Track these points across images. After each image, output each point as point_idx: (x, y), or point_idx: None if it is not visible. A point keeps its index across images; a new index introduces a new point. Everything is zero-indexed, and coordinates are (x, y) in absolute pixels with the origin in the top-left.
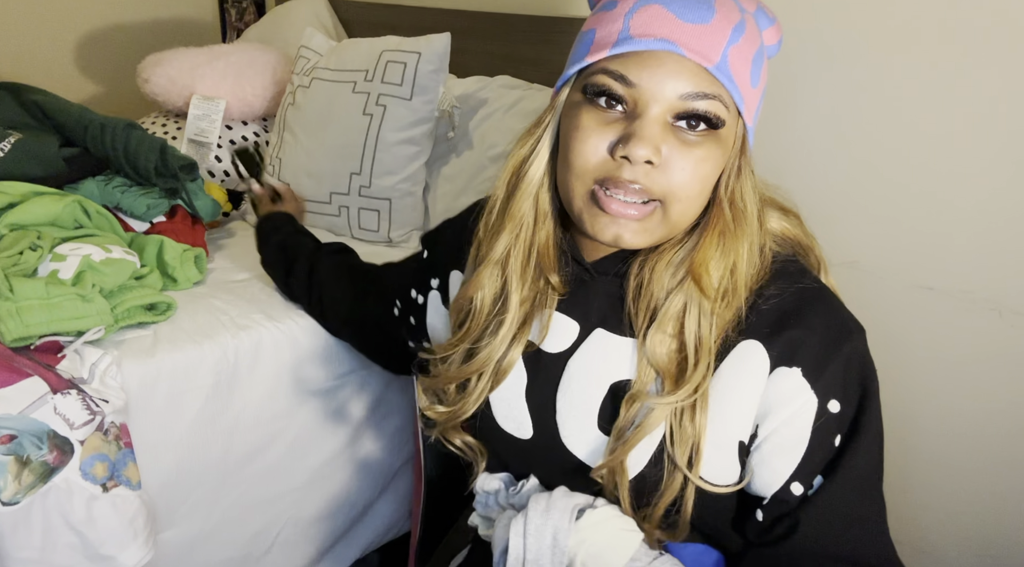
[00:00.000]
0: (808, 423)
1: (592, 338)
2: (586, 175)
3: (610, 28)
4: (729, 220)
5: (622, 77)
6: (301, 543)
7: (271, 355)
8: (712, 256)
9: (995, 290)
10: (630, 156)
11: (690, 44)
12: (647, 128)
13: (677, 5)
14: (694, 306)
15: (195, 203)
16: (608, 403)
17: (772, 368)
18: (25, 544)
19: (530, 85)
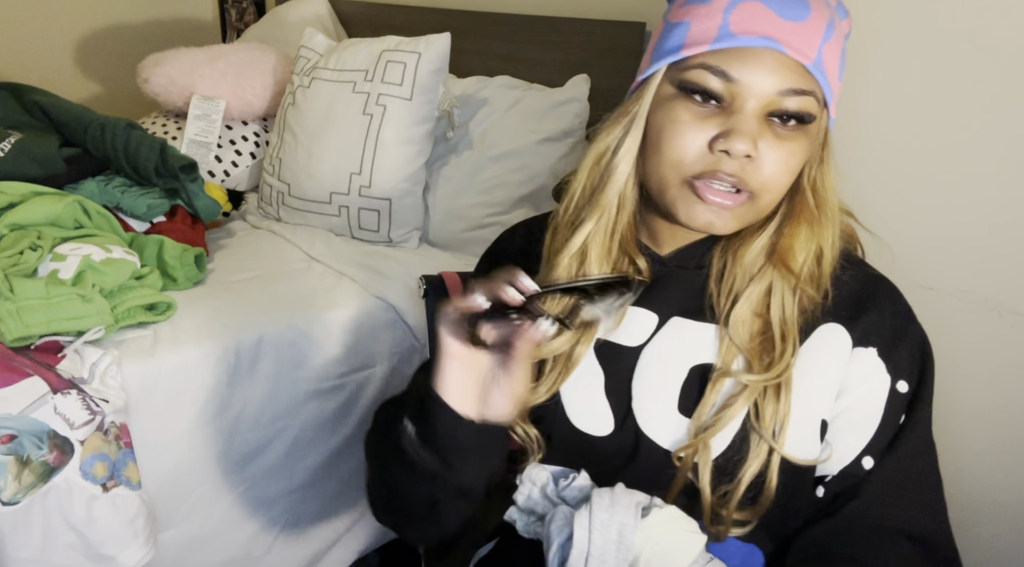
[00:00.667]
0: (881, 401)
1: (668, 326)
2: (683, 167)
3: (707, 23)
4: (813, 208)
5: (723, 73)
6: (301, 543)
7: (271, 355)
8: (799, 242)
9: (995, 290)
10: (731, 150)
11: (791, 42)
12: (746, 123)
13: (776, 2)
14: (779, 289)
15: (195, 203)
16: (689, 386)
17: (852, 348)
18: (25, 544)
19: (530, 85)
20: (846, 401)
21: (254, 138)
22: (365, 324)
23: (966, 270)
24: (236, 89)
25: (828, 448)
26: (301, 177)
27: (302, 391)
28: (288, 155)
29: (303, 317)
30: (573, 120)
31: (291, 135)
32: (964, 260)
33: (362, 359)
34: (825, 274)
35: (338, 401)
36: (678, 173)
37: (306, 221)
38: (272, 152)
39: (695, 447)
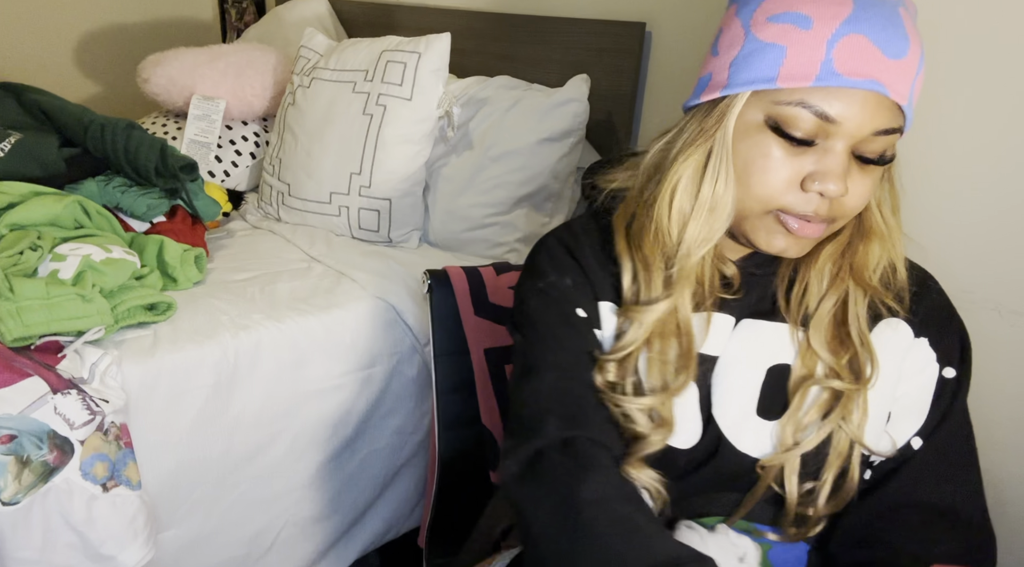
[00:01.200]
0: (931, 388)
1: (741, 328)
2: (771, 201)
3: (809, 55)
4: (882, 224)
5: (823, 114)
6: (301, 543)
7: (271, 355)
8: (872, 259)
9: (995, 290)
10: (826, 193)
11: (893, 83)
12: (840, 164)
13: (882, 36)
14: (854, 300)
15: (195, 203)
16: (768, 387)
17: (914, 338)
18: (25, 544)
19: (530, 85)
20: (903, 388)
21: (254, 138)
22: (365, 324)
23: (966, 270)
24: (236, 89)
25: (889, 440)
26: (301, 177)
27: (302, 391)
28: (288, 155)
29: (303, 317)
30: (573, 120)
31: (291, 135)
32: (964, 260)
33: (362, 359)
34: (904, 286)
35: (338, 401)
36: (765, 206)
37: (306, 221)
38: (272, 152)
39: (784, 459)
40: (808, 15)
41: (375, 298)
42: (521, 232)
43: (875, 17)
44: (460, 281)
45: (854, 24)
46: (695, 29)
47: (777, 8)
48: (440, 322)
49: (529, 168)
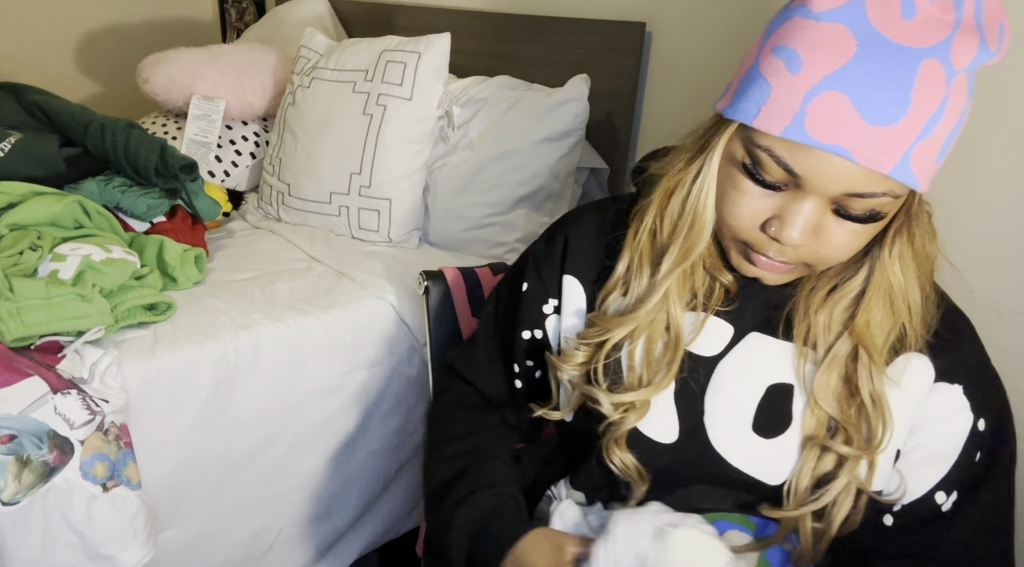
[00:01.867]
0: (962, 439)
1: (747, 340)
2: (737, 232)
3: (785, 102)
4: (892, 283)
5: (788, 168)
6: (301, 543)
7: (271, 355)
8: (876, 321)
9: (995, 290)
10: (782, 239)
11: (866, 154)
12: (803, 215)
13: (869, 97)
14: (864, 360)
15: (195, 203)
16: (765, 405)
17: (935, 381)
18: (25, 544)
19: (530, 85)
20: (926, 436)
21: (254, 138)
22: (365, 324)
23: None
24: (236, 89)
25: (899, 478)
26: (301, 177)
27: (302, 391)
28: (288, 155)
29: (303, 317)
30: (573, 120)
31: (291, 135)
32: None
33: (362, 359)
34: (931, 316)
35: (338, 401)
36: (732, 234)
37: (306, 221)
38: (272, 152)
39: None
40: (801, 57)
41: (375, 298)
42: (521, 232)
43: (872, 73)
44: (456, 281)
45: (840, 79)
46: (695, 29)
47: (781, 39)
48: (437, 323)
49: (529, 168)
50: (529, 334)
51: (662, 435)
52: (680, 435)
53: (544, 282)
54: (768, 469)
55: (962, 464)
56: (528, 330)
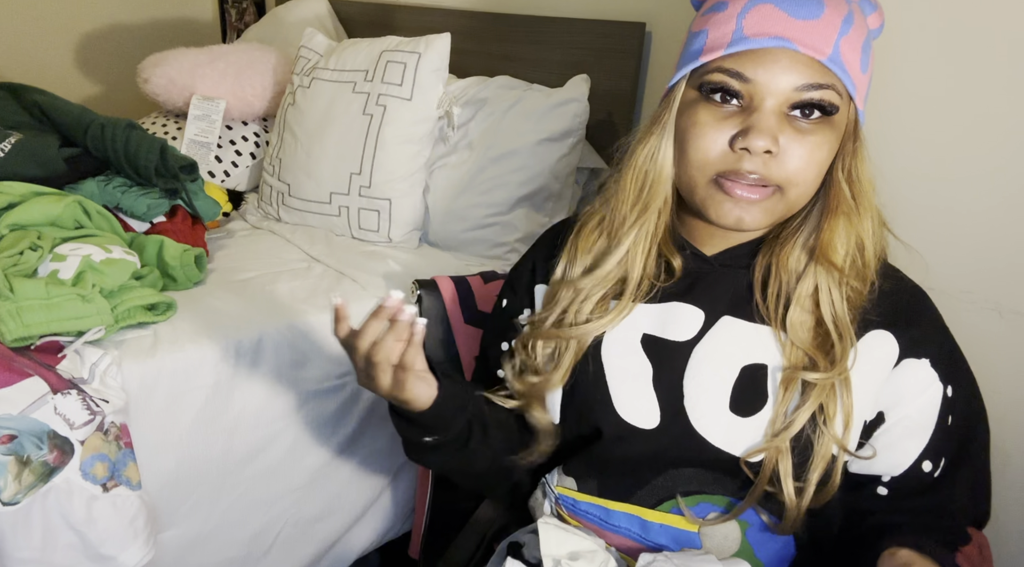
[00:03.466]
0: (936, 408)
1: (720, 325)
2: (707, 167)
3: (723, 29)
4: (849, 199)
5: (738, 74)
6: (301, 543)
7: (271, 355)
8: (838, 236)
9: (995, 290)
10: (750, 147)
11: (803, 39)
12: (764, 120)
13: (788, 3)
14: (825, 285)
15: (195, 203)
16: (741, 386)
17: (900, 358)
18: (25, 544)
19: (530, 85)
20: (903, 411)
21: (254, 138)
22: None
23: (966, 270)
24: (236, 89)
25: (870, 448)
26: (301, 177)
27: (302, 391)
28: (288, 155)
29: (303, 317)
30: (573, 120)
31: (291, 135)
32: (964, 260)
33: None
34: (869, 265)
35: (338, 401)
36: (704, 173)
37: (306, 221)
38: (272, 152)
39: (771, 451)
40: (724, 1)
41: (375, 298)
42: (521, 232)
43: None
44: (449, 290)
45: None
46: None
47: (707, 6)
48: (430, 331)
49: (529, 168)
50: (507, 345)
51: (644, 421)
52: (661, 420)
53: (518, 295)
54: (746, 446)
55: (939, 430)
56: (507, 342)
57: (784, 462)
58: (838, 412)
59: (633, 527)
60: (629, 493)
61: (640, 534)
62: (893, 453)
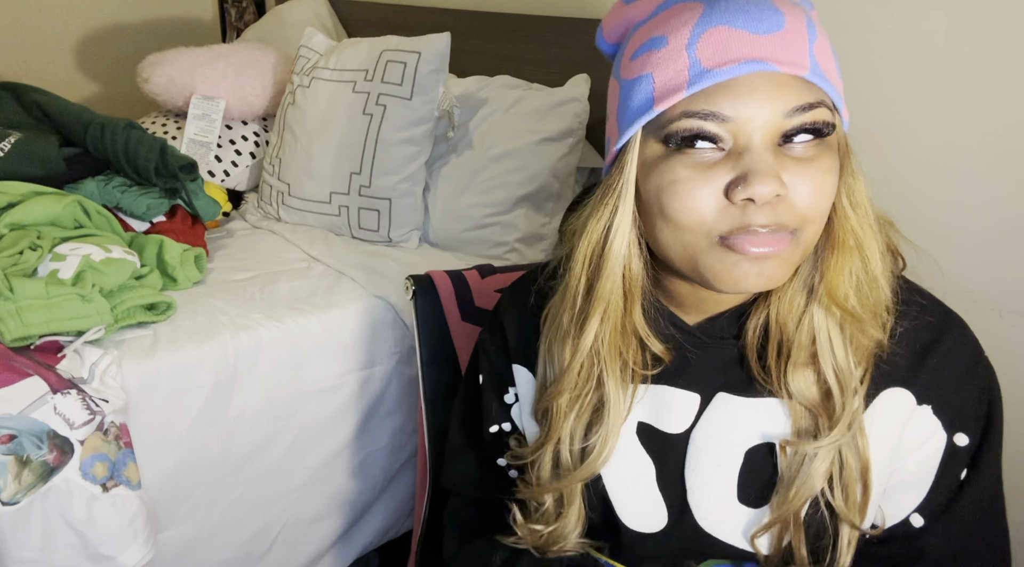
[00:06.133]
0: (937, 460)
1: (715, 405)
2: (703, 228)
3: (673, 67)
4: (856, 228)
5: (712, 114)
6: (301, 543)
7: (271, 355)
8: (846, 274)
9: (995, 290)
10: (755, 197)
11: (777, 56)
12: (761, 160)
13: (744, 19)
14: (824, 330)
15: (195, 203)
16: (747, 472)
17: (916, 405)
18: (25, 544)
19: (530, 85)
20: (901, 462)
21: (254, 138)
22: (365, 324)
23: (966, 270)
24: (236, 89)
25: (879, 512)
26: (301, 177)
27: (302, 391)
28: (288, 155)
29: (303, 317)
30: (573, 120)
31: (291, 135)
32: (964, 260)
33: (362, 359)
34: (880, 302)
35: (338, 401)
36: (704, 237)
37: (306, 221)
38: (272, 152)
39: (777, 523)
40: (662, 35)
41: (375, 298)
42: (521, 232)
43: (729, 8)
44: (445, 286)
45: (707, 21)
46: None
47: (635, 45)
48: (426, 329)
49: (529, 168)
50: (496, 428)
51: (649, 525)
52: (668, 520)
53: (499, 372)
54: (763, 540)
55: (939, 485)
56: (495, 424)
57: (797, 537)
58: (852, 481)
59: None
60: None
61: None
62: (886, 506)
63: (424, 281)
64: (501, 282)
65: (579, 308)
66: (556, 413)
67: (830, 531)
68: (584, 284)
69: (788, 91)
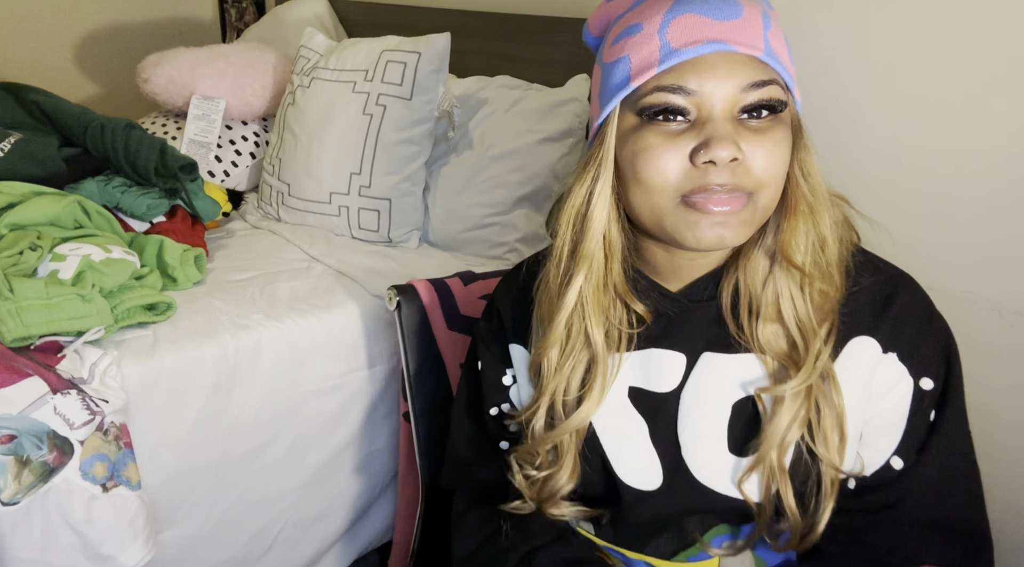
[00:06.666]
0: (907, 405)
1: (701, 364)
2: (670, 189)
3: (646, 49)
4: (808, 194)
5: (680, 88)
6: (301, 543)
7: (271, 355)
8: (798, 234)
9: (995, 290)
10: (715, 159)
11: (736, 38)
12: (721, 128)
13: (707, 8)
14: (786, 288)
15: (195, 203)
16: (735, 424)
17: (882, 354)
18: (25, 544)
19: (530, 85)
20: (874, 408)
21: (254, 138)
22: (365, 324)
23: (966, 270)
24: (236, 89)
25: (858, 458)
26: (301, 177)
27: (302, 391)
28: (288, 155)
29: (303, 317)
30: (573, 120)
31: (291, 135)
32: (964, 260)
33: (362, 359)
34: (832, 263)
35: (338, 401)
36: (668, 197)
37: (306, 221)
38: (272, 152)
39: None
40: (638, 22)
41: (375, 298)
42: (521, 232)
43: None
44: (429, 295)
45: (676, 10)
46: None
47: (617, 32)
48: (412, 340)
49: (529, 168)
50: (496, 410)
51: (646, 482)
52: (664, 477)
53: (496, 355)
54: (752, 487)
55: (912, 428)
56: (495, 406)
57: (783, 484)
58: (829, 427)
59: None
60: (644, 544)
61: None
62: (865, 452)
63: (407, 291)
64: (484, 288)
65: (564, 267)
66: (548, 368)
67: (813, 476)
68: (569, 244)
69: (745, 69)
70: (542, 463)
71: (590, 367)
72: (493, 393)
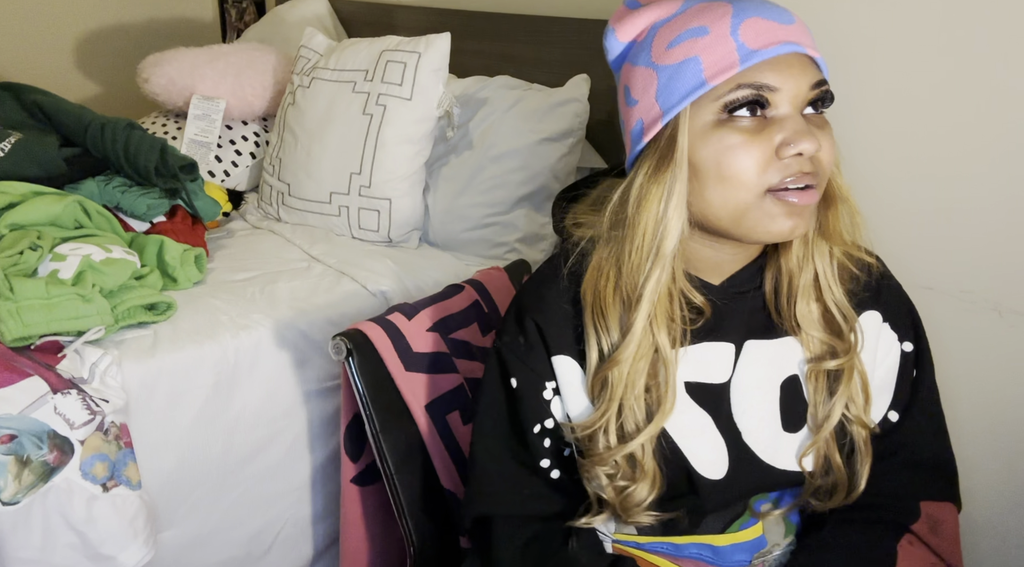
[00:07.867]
0: (896, 365)
1: (747, 352)
2: (754, 183)
3: (721, 50)
4: (843, 183)
5: (764, 85)
6: (301, 543)
7: (271, 355)
8: (842, 217)
9: (995, 290)
10: (804, 151)
11: (803, 40)
12: (799, 123)
13: (771, 14)
14: (823, 270)
15: (195, 203)
16: (785, 403)
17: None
18: (25, 544)
19: (530, 85)
20: (876, 371)
21: (254, 138)
22: None
23: (966, 270)
24: (236, 89)
25: None
26: (301, 177)
27: (302, 391)
28: (288, 155)
29: (303, 317)
30: (573, 120)
31: (291, 135)
32: (964, 260)
33: None
34: (854, 246)
35: (338, 401)
36: (754, 191)
37: (306, 221)
38: (272, 152)
39: (819, 446)
40: (701, 25)
41: (375, 297)
42: (521, 232)
43: (752, 5)
44: (380, 338)
45: (741, 14)
46: None
47: (671, 36)
48: (372, 391)
49: (529, 168)
50: (539, 427)
51: (717, 472)
52: (730, 463)
53: (535, 370)
54: (809, 459)
55: (902, 385)
56: (537, 423)
57: (832, 451)
58: (856, 390)
59: (705, 552)
60: (695, 526)
61: (712, 557)
62: (871, 409)
63: (357, 337)
64: (430, 318)
65: (641, 271)
66: (617, 380)
67: (849, 437)
68: (648, 247)
69: (810, 69)
70: (618, 473)
71: (654, 370)
72: (536, 410)
